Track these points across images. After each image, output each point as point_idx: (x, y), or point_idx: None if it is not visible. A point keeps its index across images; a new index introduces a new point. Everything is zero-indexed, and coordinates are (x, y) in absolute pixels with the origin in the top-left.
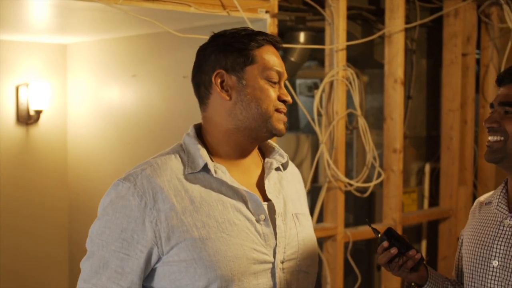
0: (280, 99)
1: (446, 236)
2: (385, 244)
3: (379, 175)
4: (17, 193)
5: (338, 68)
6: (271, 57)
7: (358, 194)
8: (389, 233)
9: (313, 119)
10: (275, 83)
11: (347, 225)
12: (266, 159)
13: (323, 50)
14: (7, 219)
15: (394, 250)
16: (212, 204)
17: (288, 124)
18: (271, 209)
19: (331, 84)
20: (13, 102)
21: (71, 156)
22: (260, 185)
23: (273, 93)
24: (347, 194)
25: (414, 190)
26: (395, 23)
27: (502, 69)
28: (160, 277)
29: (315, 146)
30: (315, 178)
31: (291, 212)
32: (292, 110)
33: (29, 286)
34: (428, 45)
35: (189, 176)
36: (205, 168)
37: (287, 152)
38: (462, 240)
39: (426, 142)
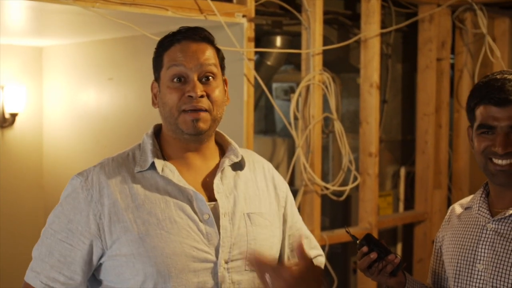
0: (186, 95)
1: (421, 239)
2: (365, 249)
3: (355, 178)
4: None
5: (314, 72)
6: (174, 54)
7: (334, 198)
8: (368, 238)
9: (289, 123)
10: (180, 80)
11: (323, 228)
12: (222, 159)
13: (299, 54)
14: None
15: (373, 255)
16: (155, 202)
17: (264, 128)
18: (217, 209)
19: (308, 88)
20: None
21: (47, 159)
22: (211, 185)
23: (175, 93)
24: (323, 197)
25: (389, 193)
26: (371, 28)
27: (477, 74)
28: (107, 271)
29: (291, 150)
30: (291, 182)
31: (243, 211)
32: (268, 113)
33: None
34: (403, 49)
35: (137, 175)
36: (153, 167)
37: (263, 155)
38: (439, 246)
39: (401, 146)
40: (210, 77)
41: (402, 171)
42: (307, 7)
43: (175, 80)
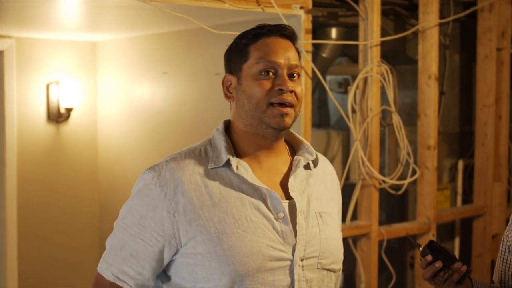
0: (275, 89)
1: (480, 234)
2: (429, 258)
3: (414, 172)
4: (48, 191)
5: (372, 64)
6: (265, 48)
7: (392, 192)
8: (432, 246)
9: (347, 116)
10: (267, 73)
11: (379, 223)
12: (295, 157)
13: (354, 46)
14: (38, 217)
15: (438, 264)
16: (230, 201)
17: (318, 121)
18: (293, 207)
19: (365, 80)
20: (43, 100)
21: (101, 154)
22: (285, 183)
23: (263, 87)
24: (380, 191)
25: (447, 187)
26: (429, 18)
27: None
28: (179, 268)
29: (346, 143)
30: (347, 175)
31: (315, 210)
32: (322, 106)
33: (59, 283)
34: (460, 39)
35: (211, 171)
36: (228, 164)
37: (317, 149)
38: (507, 245)
39: (459, 138)
40: (295, 75)
41: (460, 164)
42: None
43: (263, 73)
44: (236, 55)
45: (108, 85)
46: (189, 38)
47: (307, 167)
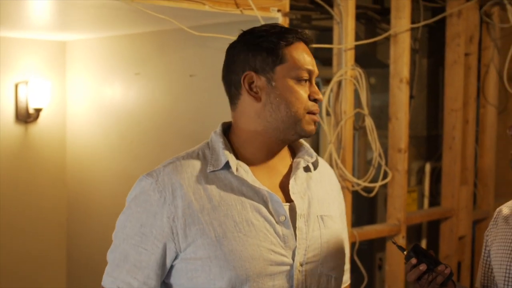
0: (311, 98)
1: (447, 236)
2: (414, 261)
3: (385, 174)
4: (15, 192)
5: (346, 67)
6: (301, 55)
7: (364, 194)
8: (416, 249)
9: (321, 119)
10: (305, 81)
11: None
12: (295, 159)
13: (325, 49)
14: (5, 218)
15: (423, 267)
16: (231, 204)
17: None
18: (293, 210)
19: (339, 83)
20: (12, 100)
21: (70, 155)
22: (285, 186)
23: (303, 93)
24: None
25: (414, 189)
26: (401, 22)
27: (506, 70)
28: (179, 274)
29: (315, 144)
30: None
31: (316, 213)
32: None
33: (27, 286)
34: (428, 44)
35: (210, 175)
36: (227, 166)
37: None
38: (488, 250)
39: (426, 142)
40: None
41: (427, 167)
42: (339, 1)
43: (303, 81)
44: (264, 54)
45: (78, 86)
46: (163, 39)
47: (307, 169)
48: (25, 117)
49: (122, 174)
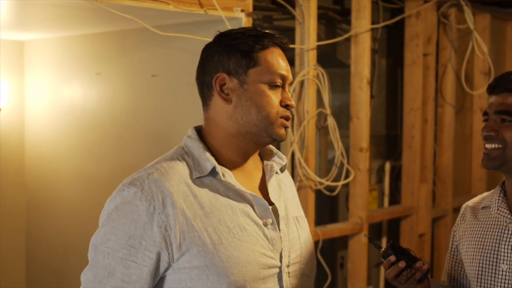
0: (282, 104)
1: (407, 233)
2: (392, 258)
3: (347, 173)
4: None
5: (309, 67)
6: (275, 59)
7: (327, 193)
8: (394, 247)
9: None
10: (277, 86)
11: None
12: (266, 162)
13: (288, 49)
14: None
15: (402, 264)
16: (222, 209)
17: None
18: (275, 213)
19: (302, 83)
20: None
21: (29, 156)
22: (262, 189)
23: (275, 98)
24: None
25: (374, 188)
26: (362, 23)
27: (463, 70)
28: (169, 285)
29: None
30: None
31: (292, 215)
32: None
33: None
34: (387, 45)
35: (197, 181)
36: (212, 172)
37: None
38: (456, 245)
39: (385, 141)
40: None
41: (387, 166)
42: (301, 2)
43: (275, 86)
44: (238, 56)
45: (36, 86)
46: (125, 39)
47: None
48: None
49: (82, 175)
